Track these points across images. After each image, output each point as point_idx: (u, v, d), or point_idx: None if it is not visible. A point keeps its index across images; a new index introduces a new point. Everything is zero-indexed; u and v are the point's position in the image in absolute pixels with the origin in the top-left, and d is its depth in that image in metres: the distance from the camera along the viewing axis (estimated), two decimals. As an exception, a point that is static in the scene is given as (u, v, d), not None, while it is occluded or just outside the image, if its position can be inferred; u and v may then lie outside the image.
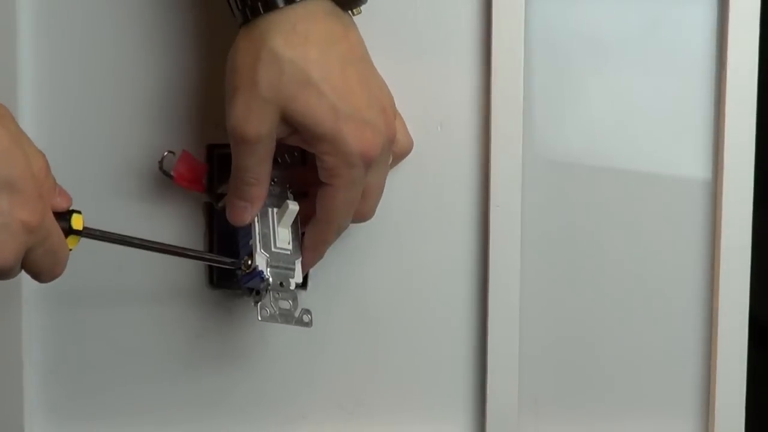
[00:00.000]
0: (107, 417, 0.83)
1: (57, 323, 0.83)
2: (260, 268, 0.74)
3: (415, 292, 0.82)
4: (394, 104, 0.77)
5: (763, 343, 1.00)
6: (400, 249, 0.82)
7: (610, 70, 0.81)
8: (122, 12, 0.80)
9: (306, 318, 0.76)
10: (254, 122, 0.70)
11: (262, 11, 0.69)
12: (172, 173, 0.77)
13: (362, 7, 0.73)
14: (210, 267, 0.82)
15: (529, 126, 0.80)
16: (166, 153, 0.77)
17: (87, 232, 0.70)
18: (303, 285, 0.79)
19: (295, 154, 0.78)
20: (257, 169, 0.72)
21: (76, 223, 0.69)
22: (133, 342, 0.83)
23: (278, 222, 0.75)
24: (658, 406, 0.84)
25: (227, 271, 0.81)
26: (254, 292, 0.81)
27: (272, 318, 0.75)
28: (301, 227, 0.77)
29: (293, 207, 0.75)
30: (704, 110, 0.81)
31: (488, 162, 0.80)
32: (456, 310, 0.82)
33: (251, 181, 0.73)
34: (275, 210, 0.76)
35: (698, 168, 0.82)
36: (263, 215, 0.75)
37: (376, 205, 0.76)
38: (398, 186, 0.80)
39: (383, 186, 0.76)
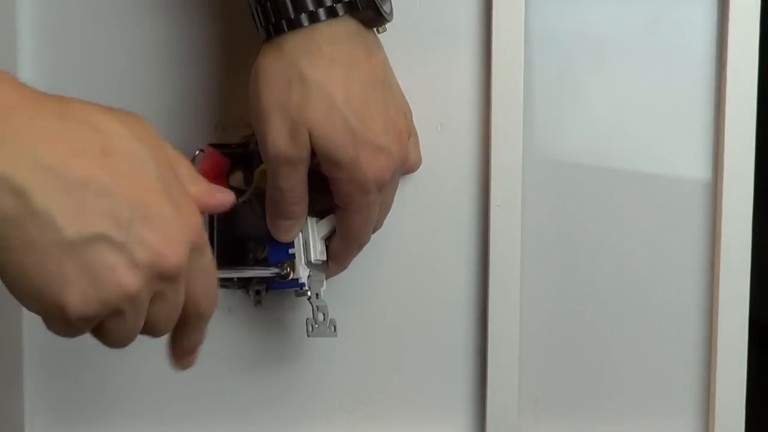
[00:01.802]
0: (107, 417, 0.83)
1: (57, 323, 0.83)
2: (302, 280, 0.74)
3: (415, 292, 0.82)
4: (411, 122, 0.77)
5: (763, 343, 1.00)
6: (401, 249, 0.82)
7: (610, 70, 0.81)
8: (122, 12, 0.80)
9: (332, 328, 0.76)
10: (295, 143, 0.69)
11: (286, 29, 0.68)
12: (200, 171, 0.77)
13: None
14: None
15: (529, 126, 0.80)
16: (197, 152, 0.77)
17: None
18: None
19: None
20: (300, 188, 0.72)
21: None
22: (133, 342, 0.83)
23: (319, 235, 0.75)
24: (658, 407, 0.84)
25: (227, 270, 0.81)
26: (255, 292, 0.82)
27: (315, 333, 0.75)
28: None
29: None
30: (704, 110, 0.81)
31: (488, 162, 0.80)
32: (456, 310, 0.82)
33: (295, 201, 0.72)
34: (315, 220, 0.75)
35: (698, 168, 0.82)
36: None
37: (384, 218, 0.77)
38: (399, 186, 0.80)
39: (392, 202, 0.76)
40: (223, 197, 0.59)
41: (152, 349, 0.83)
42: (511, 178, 0.80)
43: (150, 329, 0.56)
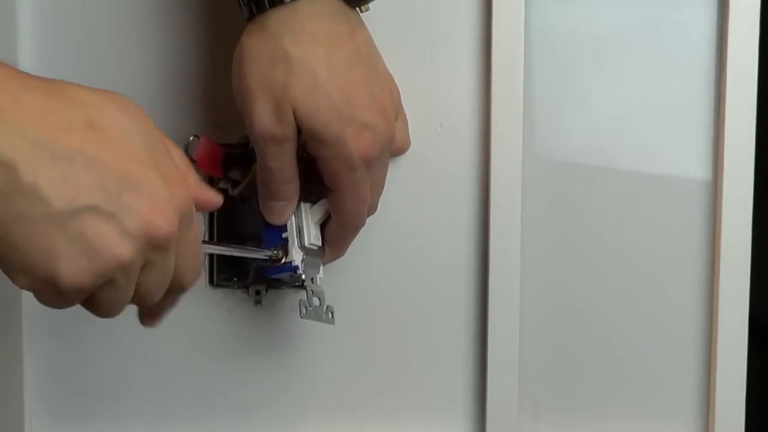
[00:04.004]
0: (107, 417, 0.83)
1: (57, 323, 0.83)
2: (296, 263, 0.74)
3: (415, 292, 0.82)
4: (399, 103, 0.77)
5: (763, 343, 1.00)
6: (401, 249, 0.82)
7: (610, 70, 0.81)
8: (121, 12, 0.80)
9: (329, 315, 0.76)
10: (281, 121, 0.69)
11: (267, 6, 0.69)
12: (195, 158, 0.77)
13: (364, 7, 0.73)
14: (210, 266, 0.82)
15: (529, 126, 0.80)
16: (191, 138, 0.77)
17: None
18: (302, 285, 0.79)
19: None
20: (289, 166, 0.72)
21: None
22: (133, 342, 0.83)
23: (313, 219, 0.75)
24: (658, 407, 0.83)
25: (227, 270, 0.81)
26: (255, 292, 0.82)
27: (308, 315, 0.75)
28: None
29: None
30: (704, 110, 0.81)
31: (488, 162, 0.80)
32: (456, 310, 0.82)
33: (285, 180, 0.72)
34: (308, 205, 0.75)
35: (698, 168, 0.82)
36: (296, 209, 0.75)
37: (377, 201, 0.76)
38: (399, 186, 0.80)
39: (384, 182, 0.76)
40: (213, 195, 0.59)
41: (152, 349, 0.83)
42: (511, 178, 0.80)
43: (140, 298, 0.55)
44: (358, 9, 0.73)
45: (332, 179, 0.72)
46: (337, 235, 0.75)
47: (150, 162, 0.53)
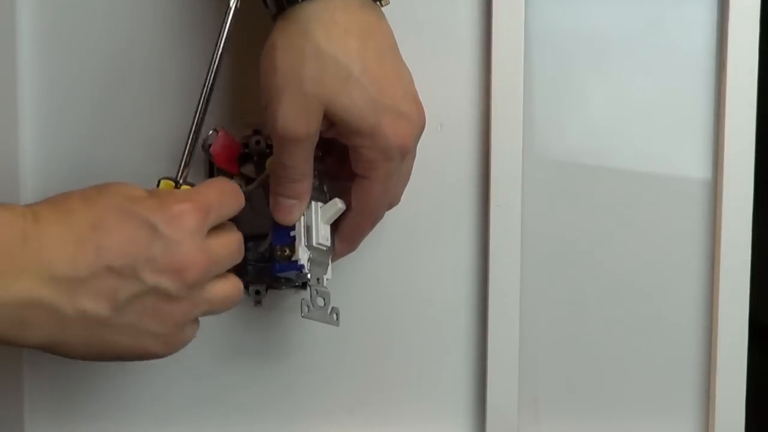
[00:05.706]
0: (107, 417, 0.83)
1: (57, 323, 0.83)
2: (301, 262, 0.74)
3: (415, 292, 0.82)
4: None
5: (763, 343, 1.00)
6: (400, 249, 0.82)
7: (610, 69, 0.81)
8: (122, 13, 0.80)
9: (335, 316, 0.76)
10: (304, 120, 0.69)
11: (300, 0, 0.69)
12: (212, 152, 0.77)
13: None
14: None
15: (529, 126, 0.80)
16: (210, 131, 0.77)
17: None
18: (303, 285, 0.79)
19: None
20: (304, 165, 0.71)
21: None
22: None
23: (323, 219, 0.75)
24: (658, 406, 0.84)
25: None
26: (255, 292, 0.81)
27: (310, 315, 0.75)
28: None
29: (341, 206, 0.74)
30: (704, 110, 0.81)
31: (488, 162, 0.80)
32: (456, 310, 0.82)
33: (298, 178, 0.72)
34: (319, 204, 0.75)
35: (698, 168, 0.82)
36: (306, 208, 0.75)
37: (403, 191, 0.76)
38: (398, 186, 0.80)
39: (411, 172, 0.75)
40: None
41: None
42: (511, 178, 0.80)
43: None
44: (379, 2, 0.72)
45: (366, 167, 0.71)
46: (353, 227, 0.75)
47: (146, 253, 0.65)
